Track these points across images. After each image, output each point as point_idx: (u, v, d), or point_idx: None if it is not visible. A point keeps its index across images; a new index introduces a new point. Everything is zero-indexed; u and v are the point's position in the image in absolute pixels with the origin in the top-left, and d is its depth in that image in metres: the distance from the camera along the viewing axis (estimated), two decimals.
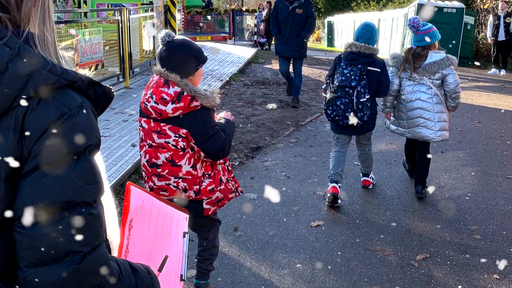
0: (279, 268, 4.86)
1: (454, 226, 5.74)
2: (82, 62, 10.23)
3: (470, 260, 5.04)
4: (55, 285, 1.33)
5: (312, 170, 7.42)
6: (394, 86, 6.34)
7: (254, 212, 6.01)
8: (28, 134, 1.33)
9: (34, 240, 1.32)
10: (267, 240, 5.37)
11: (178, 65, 3.64)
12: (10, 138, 1.33)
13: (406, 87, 6.32)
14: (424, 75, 6.20)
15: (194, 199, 3.81)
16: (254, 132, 9.21)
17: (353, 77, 6.04)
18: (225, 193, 3.94)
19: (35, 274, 1.33)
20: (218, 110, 3.96)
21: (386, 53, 19.11)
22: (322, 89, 6.98)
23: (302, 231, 5.58)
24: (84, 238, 1.36)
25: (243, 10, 30.16)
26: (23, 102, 1.34)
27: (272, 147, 8.49)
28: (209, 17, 27.79)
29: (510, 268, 4.90)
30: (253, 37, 26.16)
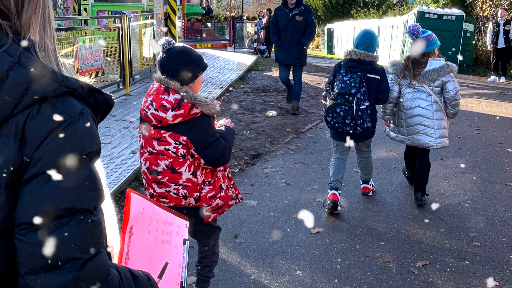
0: (279, 275, 4.86)
1: (453, 233, 5.74)
2: (82, 69, 10.24)
3: (469, 267, 5.04)
4: None
5: (312, 177, 7.42)
6: (393, 93, 6.35)
7: (254, 219, 6.01)
8: (28, 141, 1.33)
9: (35, 247, 1.31)
10: (267, 247, 5.38)
11: (178, 72, 3.65)
12: (11, 145, 1.32)
13: (406, 94, 6.33)
14: (423, 82, 6.21)
15: (194, 206, 3.81)
16: (254, 139, 9.22)
17: (353, 84, 6.05)
18: (225, 200, 3.94)
19: (36, 281, 1.33)
20: (218, 117, 3.97)
21: (386, 60, 19.13)
22: (322, 96, 6.99)
23: (302, 238, 5.58)
24: (84, 245, 1.35)
25: (243, 18, 30.19)
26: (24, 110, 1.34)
27: (272, 154, 8.49)
28: (209, 24, 27.82)
29: (509, 275, 4.90)
30: (253, 44, 26.18)
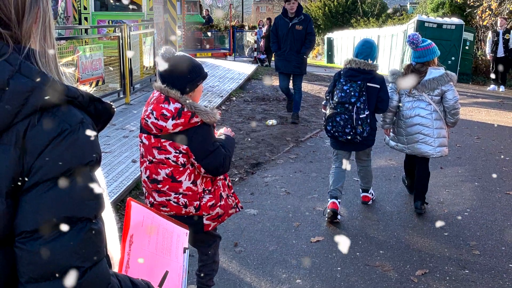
0: (279, 283, 4.86)
1: (453, 242, 5.74)
2: (83, 78, 10.26)
3: (469, 275, 5.04)
4: None
5: (312, 186, 7.43)
6: (393, 102, 6.37)
7: (254, 227, 6.01)
8: (29, 150, 1.33)
9: (35, 255, 1.31)
10: (267, 255, 5.38)
11: (179, 81, 3.66)
12: (11, 154, 1.32)
13: (406, 103, 6.34)
14: (423, 91, 6.23)
15: (194, 215, 3.82)
16: (254, 148, 9.22)
17: (352, 93, 6.06)
18: (225, 208, 3.95)
19: None
20: (218, 126, 3.98)
21: (386, 69, 19.16)
22: (321, 105, 6.99)
23: (302, 247, 5.59)
24: (84, 254, 1.36)
25: (243, 27, 30.27)
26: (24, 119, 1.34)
27: (272, 163, 8.50)
28: (209, 33, 27.90)
29: (509, 283, 4.90)
30: (253, 53, 26.24)
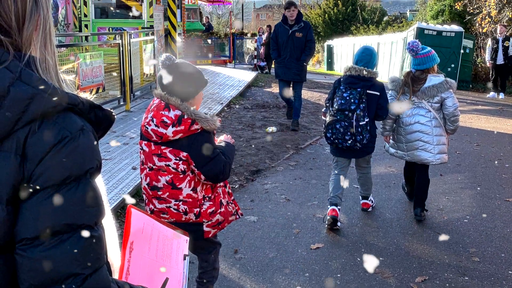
0: None
1: (453, 249, 5.74)
2: (83, 85, 10.28)
3: (469, 282, 5.04)
4: None
5: (311, 193, 7.43)
6: (393, 110, 6.37)
7: (254, 234, 6.01)
8: (29, 157, 1.33)
9: (35, 262, 1.32)
10: (267, 262, 5.38)
11: (179, 88, 3.67)
12: (12, 161, 1.32)
13: (405, 111, 6.35)
14: (423, 99, 6.24)
15: (194, 222, 3.82)
16: (254, 155, 9.23)
17: (352, 100, 6.06)
18: (225, 215, 3.95)
19: None
20: (218, 133, 3.99)
21: (386, 76, 19.19)
22: (321, 112, 7.01)
23: (302, 254, 5.59)
24: (85, 261, 1.36)
25: (243, 34, 30.31)
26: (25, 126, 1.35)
27: (272, 170, 8.50)
28: (209, 40, 27.94)
29: None
30: (253, 60, 26.27)
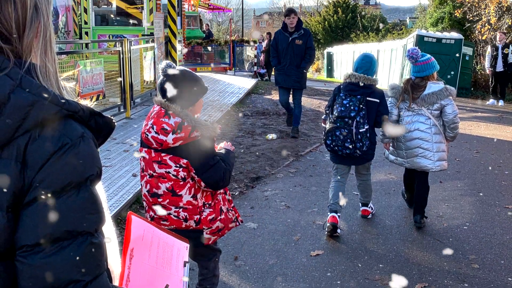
0: None
1: (452, 256, 5.73)
2: (83, 92, 10.29)
3: None
4: None
5: (311, 200, 7.43)
6: (393, 117, 6.39)
7: (254, 241, 6.02)
8: (30, 164, 1.33)
9: (36, 269, 1.32)
10: (267, 269, 5.38)
11: (179, 95, 3.68)
12: (12, 168, 1.32)
13: (405, 118, 6.36)
14: (422, 106, 6.25)
15: (194, 229, 3.83)
16: (254, 162, 9.24)
17: (352, 107, 6.08)
18: (225, 222, 3.95)
19: None
20: (218, 140, 4.00)
21: (385, 83, 19.21)
22: (321, 119, 7.02)
23: (301, 260, 5.59)
24: (85, 267, 1.36)
25: (243, 41, 30.34)
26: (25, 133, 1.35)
27: (272, 177, 8.51)
28: (209, 48, 27.96)
29: None
30: (253, 68, 26.28)
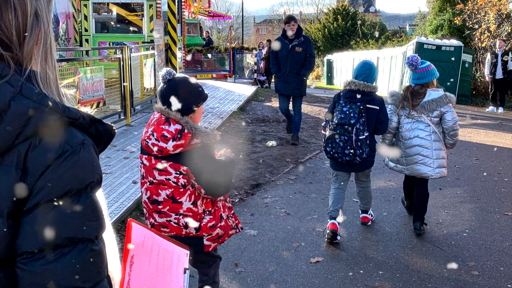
0: None
1: (452, 262, 5.74)
2: (83, 99, 10.30)
3: None
4: None
5: (311, 207, 7.44)
6: (392, 124, 6.39)
7: (254, 248, 6.02)
8: (30, 171, 1.33)
9: (36, 276, 1.32)
10: (267, 276, 5.38)
11: (179, 102, 3.69)
12: (13, 175, 1.33)
13: (405, 125, 6.37)
14: (422, 113, 6.26)
15: (194, 236, 3.83)
16: (254, 169, 9.24)
17: (352, 114, 6.09)
18: (225, 229, 3.96)
19: None
20: (218, 147, 4.00)
21: (385, 90, 19.24)
22: (321, 126, 7.03)
23: (301, 267, 5.59)
24: (85, 274, 1.36)
25: (244, 48, 30.39)
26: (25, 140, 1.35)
27: (272, 184, 8.51)
28: (209, 55, 28.02)
29: None
30: (253, 75, 26.31)
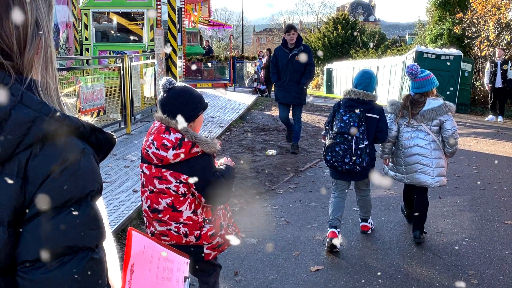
0: None
1: (451, 271, 5.74)
2: (84, 108, 10.33)
3: None
4: None
5: (311, 216, 7.44)
6: (392, 133, 6.41)
7: (254, 256, 6.02)
8: (30, 180, 1.34)
9: (37, 284, 1.31)
10: (267, 284, 5.38)
11: (179, 111, 3.70)
12: (13, 184, 1.32)
13: (404, 133, 6.39)
14: (422, 122, 6.27)
15: (195, 244, 3.84)
16: (254, 177, 9.25)
17: (352, 123, 6.10)
18: (225, 238, 3.97)
19: None
20: (218, 156, 4.01)
21: (385, 99, 19.26)
22: (321, 135, 7.04)
23: (301, 276, 5.59)
24: (86, 283, 1.36)
25: (244, 57, 30.42)
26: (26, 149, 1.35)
27: (272, 193, 8.52)
28: (209, 64, 28.05)
29: None
30: (253, 84, 26.33)
